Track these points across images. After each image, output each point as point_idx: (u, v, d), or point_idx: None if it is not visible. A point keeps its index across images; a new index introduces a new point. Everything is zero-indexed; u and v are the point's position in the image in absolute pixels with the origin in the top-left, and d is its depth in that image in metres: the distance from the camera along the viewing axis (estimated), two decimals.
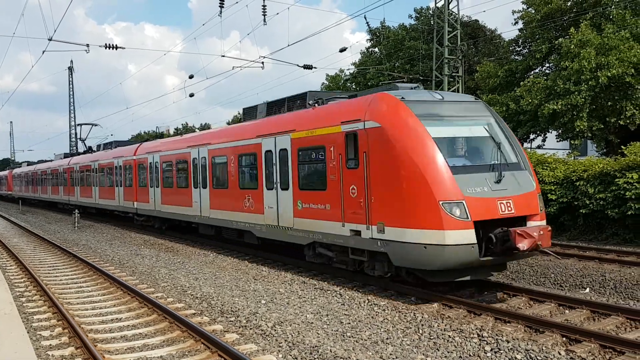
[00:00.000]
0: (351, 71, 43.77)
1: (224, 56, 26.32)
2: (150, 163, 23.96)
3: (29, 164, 60.51)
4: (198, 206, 19.53)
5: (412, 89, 12.80)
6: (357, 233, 11.70)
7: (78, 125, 42.95)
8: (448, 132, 11.36)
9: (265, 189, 15.30)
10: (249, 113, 18.47)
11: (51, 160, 49.93)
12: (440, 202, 9.93)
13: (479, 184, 10.38)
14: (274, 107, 16.96)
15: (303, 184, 13.78)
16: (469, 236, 9.85)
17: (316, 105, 14.36)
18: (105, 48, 23.59)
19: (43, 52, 26.85)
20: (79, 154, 41.48)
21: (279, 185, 14.69)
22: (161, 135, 59.20)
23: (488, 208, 10.15)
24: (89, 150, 38.31)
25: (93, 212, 35.01)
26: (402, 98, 11.35)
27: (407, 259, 10.72)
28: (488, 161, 11.01)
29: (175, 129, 75.71)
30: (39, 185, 48.94)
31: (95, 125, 43.38)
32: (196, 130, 64.36)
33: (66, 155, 44.83)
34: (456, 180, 10.14)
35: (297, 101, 15.84)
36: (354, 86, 44.32)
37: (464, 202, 9.98)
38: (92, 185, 32.79)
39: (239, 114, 69.41)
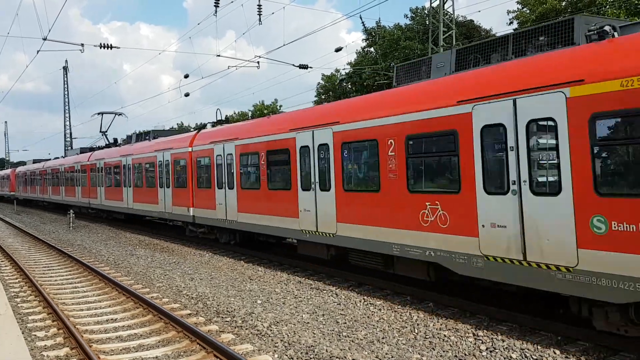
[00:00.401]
0: (347, 71, 43.83)
1: (219, 56, 26.31)
2: (218, 156, 18.09)
3: (36, 161, 54.34)
4: (311, 217, 13.51)
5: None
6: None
7: (98, 114, 35.02)
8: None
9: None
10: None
11: (63, 157, 45.04)
12: None
13: None
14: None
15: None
16: None
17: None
18: (100, 48, 23.55)
19: (37, 52, 26.76)
20: (100, 148, 35.30)
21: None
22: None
23: None
24: (115, 143, 32.83)
25: (121, 218, 29.80)
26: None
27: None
28: None
29: (170, 129, 75.52)
30: (50, 185, 43.02)
31: (120, 114, 35.47)
32: (191, 129, 64.17)
33: (83, 150, 38.72)
34: None
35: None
36: (349, 86, 44.36)
37: None
38: (123, 185, 27.04)
39: (234, 113, 69.32)
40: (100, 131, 34.61)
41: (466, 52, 10.91)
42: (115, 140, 33.18)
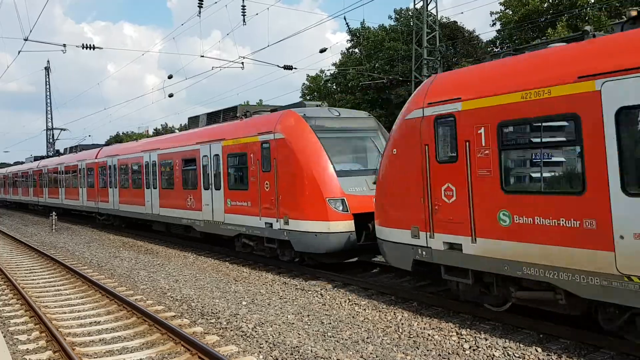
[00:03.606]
0: (332, 72, 43.91)
1: (203, 56, 26.22)
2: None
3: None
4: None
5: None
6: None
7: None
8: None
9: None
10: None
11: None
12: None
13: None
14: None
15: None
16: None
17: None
18: (83, 48, 23.37)
19: (19, 52, 26.49)
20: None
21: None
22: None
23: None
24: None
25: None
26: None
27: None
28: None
29: (154, 130, 75.09)
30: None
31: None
32: (176, 130, 63.91)
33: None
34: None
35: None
36: (334, 87, 44.43)
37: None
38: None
39: None
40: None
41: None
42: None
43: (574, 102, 7.21)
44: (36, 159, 46.89)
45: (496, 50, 33.95)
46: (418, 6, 29.94)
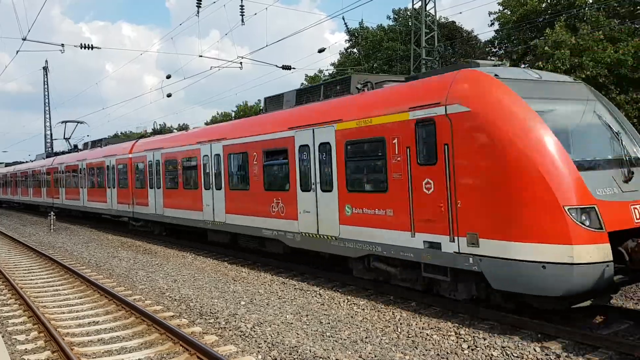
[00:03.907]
0: (330, 72, 43.91)
1: (201, 56, 26.21)
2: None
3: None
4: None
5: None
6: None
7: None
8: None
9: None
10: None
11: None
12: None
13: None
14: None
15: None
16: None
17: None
18: (81, 48, 23.36)
19: (17, 52, 26.47)
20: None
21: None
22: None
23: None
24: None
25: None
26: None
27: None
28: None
29: (152, 129, 74.95)
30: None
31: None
32: (174, 130, 63.73)
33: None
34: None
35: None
36: None
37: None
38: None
39: (217, 113, 69.07)
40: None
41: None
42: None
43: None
44: (49, 155, 42.06)
45: (494, 50, 34.03)
46: (416, 6, 29.96)
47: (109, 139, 32.79)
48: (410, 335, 8.78)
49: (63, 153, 38.86)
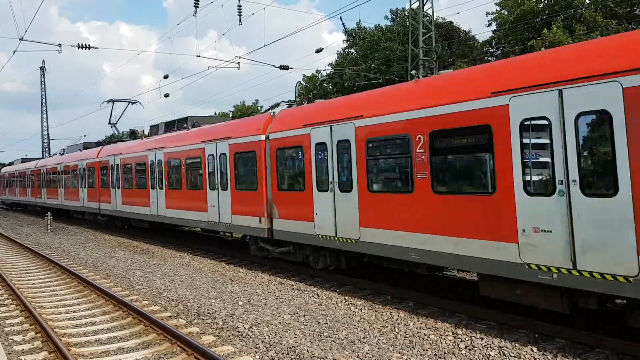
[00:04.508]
0: (328, 72, 43.91)
1: (199, 56, 26.21)
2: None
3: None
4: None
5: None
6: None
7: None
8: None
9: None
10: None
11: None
12: None
13: None
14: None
15: None
16: None
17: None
18: (78, 48, 23.29)
19: (14, 52, 26.40)
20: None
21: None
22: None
23: None
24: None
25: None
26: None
27: None
28: None
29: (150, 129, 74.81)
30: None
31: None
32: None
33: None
34: None
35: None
36: (330, 87, 44.44)
37: None
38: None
39: (215, 114, 68.91)
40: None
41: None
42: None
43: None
44: (86, 146, 32.90)
45: (491, 50, 34.06)
46: (414, 6, 29.97)
47: (172, 121, 23.45)
48: (407, 335, 8.79)
49: (110, 143, 31.51)
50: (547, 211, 7.86)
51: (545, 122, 7.92)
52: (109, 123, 31.20)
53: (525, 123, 8.16)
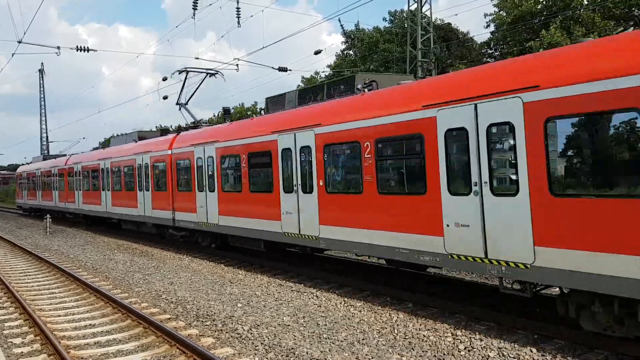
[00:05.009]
0: (326, 73, 43.94)
1: (197, 58, 26.20)
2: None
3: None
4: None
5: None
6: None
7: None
8: None
9: None
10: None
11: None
12: None
13: None
14: None
15: None
16: None
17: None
18: (77, 50, 23.32)
19: (12, 54, 26.43)
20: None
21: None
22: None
23: None
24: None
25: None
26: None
27: None
28: None
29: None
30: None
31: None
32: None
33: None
34: None
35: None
36: None
37: None
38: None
39: (214, 115, 68.84)
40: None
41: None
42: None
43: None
44: (142, 136, 24.97)
45: (490, 51, 34.09)
46: (412, 8, 30.01)
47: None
48: (407, 337, 8.79)
49: (182, 130, 23.13)
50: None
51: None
52: (177, 103, 22.88)
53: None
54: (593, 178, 7.45)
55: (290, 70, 26.10)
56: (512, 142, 8.18)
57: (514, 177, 8.21)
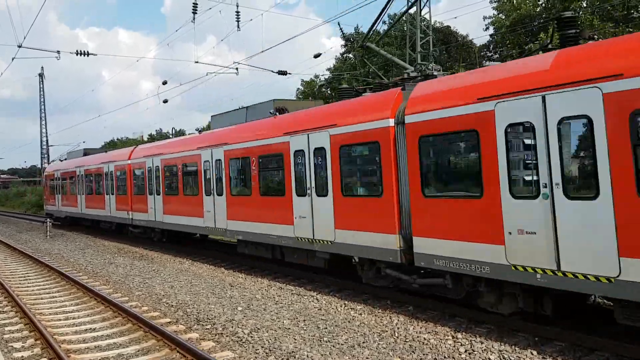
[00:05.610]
0: (326, 77, 43.97)
1: (197, 62, 26.25)
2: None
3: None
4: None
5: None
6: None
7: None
8: None
9: None
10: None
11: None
12: None
13: None
14: None
15: None
16: None
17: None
18: (77, 55, 23.33)
19: (12, 59, 26.45)
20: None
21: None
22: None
23: None
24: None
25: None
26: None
27: None
28: None
29: (149, 135, 74.88)
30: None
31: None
32: (171, 136, 63.39)
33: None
34: None
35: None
36: (329, 92, 44.48)
37: None
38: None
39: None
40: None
41: None
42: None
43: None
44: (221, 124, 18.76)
45: (489, 54, 34.12)
46: (411, 11, 30.04)
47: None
48: (407, 340, 8.78)
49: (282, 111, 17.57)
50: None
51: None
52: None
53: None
54: None
55: (289, 73, 26.10)
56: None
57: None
